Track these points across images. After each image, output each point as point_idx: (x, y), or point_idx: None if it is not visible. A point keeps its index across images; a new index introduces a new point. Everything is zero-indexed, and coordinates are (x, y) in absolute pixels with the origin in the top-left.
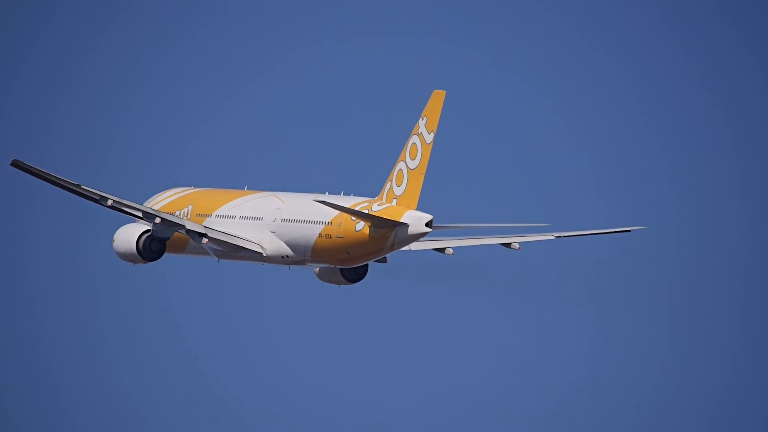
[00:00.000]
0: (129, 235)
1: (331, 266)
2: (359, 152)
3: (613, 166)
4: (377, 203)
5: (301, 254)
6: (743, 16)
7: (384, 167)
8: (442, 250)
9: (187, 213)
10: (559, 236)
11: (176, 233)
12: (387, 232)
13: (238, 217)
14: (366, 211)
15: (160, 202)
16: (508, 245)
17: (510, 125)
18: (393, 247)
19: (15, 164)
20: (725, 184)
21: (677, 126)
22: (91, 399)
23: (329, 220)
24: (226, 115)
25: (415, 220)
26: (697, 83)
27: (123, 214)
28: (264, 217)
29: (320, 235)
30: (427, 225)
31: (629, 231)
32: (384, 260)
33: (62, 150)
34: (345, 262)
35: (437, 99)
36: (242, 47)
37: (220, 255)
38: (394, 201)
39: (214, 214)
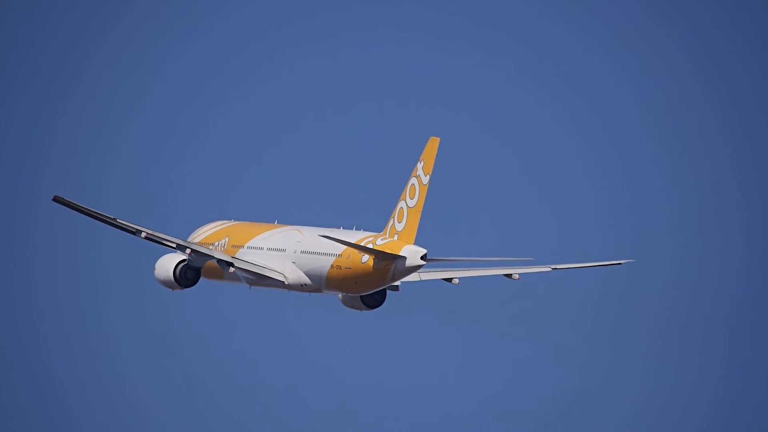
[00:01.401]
0: (167, 264)
1: (352, 294)
2: (358, 151)
3: (617, 164)
4: (381, 238)
5: (318, 283)
6: (745, 14)
7: (384, 169)
8: (449, 279)
9: (224, 244)
10: (555, 268)
11: (210, 263)
12: (388, 264)
13: (265, 248)
14: (371, 245)
15: (201, 234)
16: (509, 276)
17: (513, 123)
18: (394, 277)
19: (56, 200)
20: (726, 185)
21: (680, 125)
22: (117, 416)
23: (340, 252)
24: (226, 115)
25: (412, 253)
26: (699, 82)
27: (158, 244)
28: (287, 249)
29: (332, 266)
30: (422, 258)
31: (620, 264)
32: (396, 288)
33: (62, 150)
34: (355, 290)
35: (433, 145)
36: (241, 46)
37: (251, 282)
38: (396, 236)
39: (246, 246)
